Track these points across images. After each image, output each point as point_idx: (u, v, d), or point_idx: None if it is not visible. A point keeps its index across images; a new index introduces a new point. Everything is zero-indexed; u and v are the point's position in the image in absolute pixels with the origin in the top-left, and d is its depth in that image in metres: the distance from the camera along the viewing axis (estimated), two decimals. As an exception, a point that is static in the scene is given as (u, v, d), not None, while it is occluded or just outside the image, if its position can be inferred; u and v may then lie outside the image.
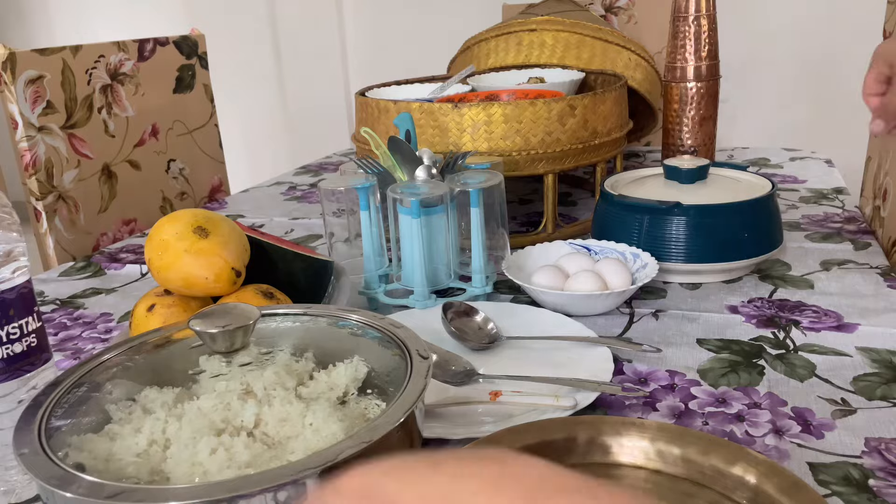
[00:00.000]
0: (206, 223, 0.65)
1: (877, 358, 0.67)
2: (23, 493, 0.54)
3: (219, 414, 0.46)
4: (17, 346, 0.52)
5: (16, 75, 1.19)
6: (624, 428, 0.52)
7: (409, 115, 0.92)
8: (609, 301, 0.77)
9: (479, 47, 1.30)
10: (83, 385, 0.48)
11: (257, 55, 3.09)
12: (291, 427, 0.44)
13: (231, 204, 1.34)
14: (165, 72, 1.49)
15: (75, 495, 0.35)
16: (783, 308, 0.78)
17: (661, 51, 1.56)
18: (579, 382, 0.61)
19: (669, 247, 0.83)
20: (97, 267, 1.04)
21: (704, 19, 1.09)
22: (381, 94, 1.22)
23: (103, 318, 0.86)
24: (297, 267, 0.74)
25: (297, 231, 1.14)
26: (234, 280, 0.65)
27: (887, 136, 0.65)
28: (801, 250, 0.94)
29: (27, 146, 1.21)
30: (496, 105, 0.94)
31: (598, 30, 1.22)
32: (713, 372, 0.66)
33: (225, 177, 1.65)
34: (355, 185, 0.82)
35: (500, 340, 0.72)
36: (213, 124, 1.61)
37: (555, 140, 0.95)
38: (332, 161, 1.64)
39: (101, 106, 1.34)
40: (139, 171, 1.43)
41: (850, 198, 1.15)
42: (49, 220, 1.25)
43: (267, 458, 0.42)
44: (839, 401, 0.61)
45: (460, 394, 0.64)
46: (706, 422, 0.59)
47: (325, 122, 3.00)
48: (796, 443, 0.55)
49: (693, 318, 0.77)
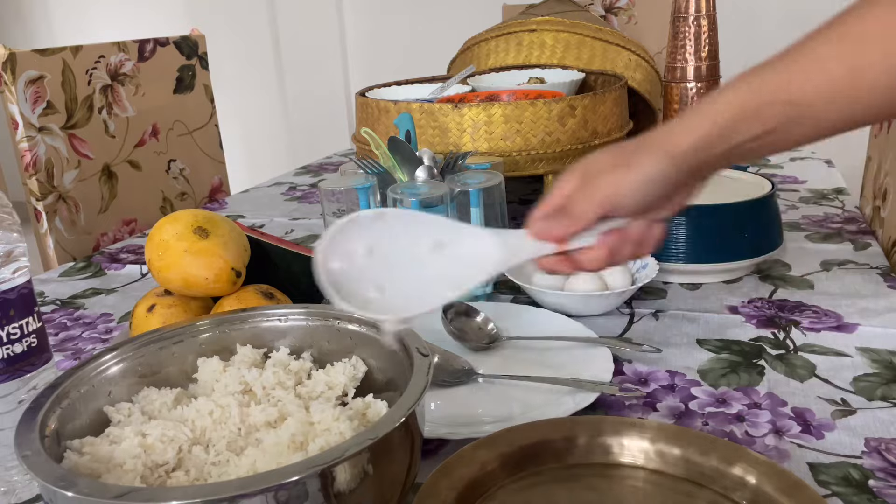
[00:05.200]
0: (206, 223, 0.65)
1: (877, 358, 0.67)
2: (23, 494, 0.54)
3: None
4: (17, 346, 0.52)
5: (16, 75, 1.19)
6: (624, 428, 0.52)
7: (409, 116, 0.92)
8: (609, 301, 0.77)
9: (479, 47, 1.30)
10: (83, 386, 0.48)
11: (257, 55, 3.09)
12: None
13: (231, 204, 1.34)
14: (165, 72, 1.49)
15: (80, 496, 0.35)
16: (783, 308, 0.78)
17: (661, 51, 1.56)
18: (579, 382, 0.61)
19: (669, 247, 0.83)
20: (97, 267, 1.04)
21: (704, 20, 1.09)
22: (381, 94, 1.22)
23: (103, 319, 0.86)
24: (297, 267, 0.74)
25: (297, 231, 1.14)
26: (234, 280, 0.66)
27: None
28: (801, 250, 0.94)
29: (27, 146, 1.21)
30: (496, 105, 0.94)
31: (598, 30, 1.22)
32: (713, 372, 0.66)
33: (225, 177, 1.65)
34: (355, 186, 0.82)
35: (500, 340, 0.72)
36: (213, 124, 1.61)
37: (555, 140, 0.95)
38: (332, 161, 1.64)
39: (101, 106, 1.34)
40: (139, 171, 1.43)
41: (850, 198, 1.15)
42: (49, 221, 1.25)
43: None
44: (839, 401, 0.61)
45: (460, 393, 0.64)
46: (706, 422, 0.59)
47: (325, 123, 3.00)
48: (796, 443, 0.55)
49: (693, 319, 0.77)
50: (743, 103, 0.41)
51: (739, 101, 0.41)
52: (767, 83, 0.41)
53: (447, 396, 0.64)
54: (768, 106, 0.41)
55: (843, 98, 0.40)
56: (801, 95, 0.40)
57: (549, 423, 0.53)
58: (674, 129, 0.42)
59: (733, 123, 0.41)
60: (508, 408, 0.61)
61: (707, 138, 0.41)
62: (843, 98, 0.40)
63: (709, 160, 0.42)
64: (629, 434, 0.51)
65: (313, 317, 0.55)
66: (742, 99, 0.41)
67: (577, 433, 0.52)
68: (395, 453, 0.42)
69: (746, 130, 0.41)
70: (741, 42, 2.28)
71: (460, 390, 0.65)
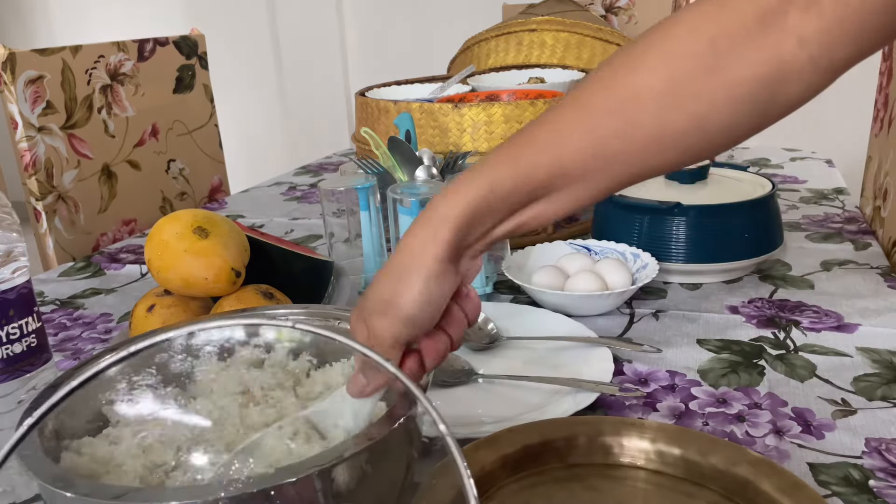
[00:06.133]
0: (206, 223, 0.65)
1: (877, 358, 0.67)
2: (22, 494, 0.54)
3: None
4: (16, 346, 0.52)
5: (16, 75, 1.19)
6: (624, 428, 0.52)
7: (409, 115, 0.92)
8: (609, 301, 0.77)
9: (479, 47, 1.30)
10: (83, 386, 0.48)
11: (257, 55, 3.09)
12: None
13: (231, 204, 1.34)
14: (165, 72, 1.49)
15: (79, 496, 0.35)
16: (783, 308, 0.78)
17: (662, 51, 1.56)
18: (579, 383, 0.61)
19: (670, 247, 0.83)
20: (97, 267, 1.04)
21: (704, 19, 1.08)
22: (381, 94, 1.22)
23: (103, 319, 0.86)
24: (297, 267, 0.74)
25: (297, 231, 1.14)
26: (234, 280, 0.65)
27: None
28: (801, 250, 0.93)
29: (27, 146, 1.21)
30: (496, 105, 0.94)
31: (598, 30, 1.22)
32: (713, 372, 0.66)
33: (225, 177, 1.65)
34: (355, 186, 0.82)
35: (500, 341, 0.72)
36: (213, 124, 1.61)
37: (555, 140, 0.95)
38: (332, 161, 1.64)
39: (100, 106, 1.34)
40: (139, 171, 1.43)
41: (851, 198, 1.15)
42: (49, 221, 1.25)
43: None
44: (839, 401, 0.60)
45: (460, 393, 0.64)
46: (706, 422, 0.59)
47: (325, 122, 3.01)
48: (796, 443, 0.55)
49: (693, 319, 0.77)
50: (482, 194, 0.41)
51: (479, 191, 0.41)
52: (503, 171, 0.41)
53: (447, 396, 0.64)
54: (509, 196, 0.41)
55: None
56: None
57: (549, 424, 0.53)
58: (425, 242, 0.41)
59: (479, 214, 0.41)
60: (508, 408, 0.61)
61: (453, 234, 0.40)
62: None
63: (469, 247, 0.42)
64: (629, 434, 0.51)
65: (313, 317, 0.55)
66: (482, 190, 0.41)
67: (578, 433, 0.52)
68: (394, 453, 0.42)
69: (491, 219, 0.41)
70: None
71: (460, 390, 0.65)
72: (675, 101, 0.39)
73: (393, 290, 0.40)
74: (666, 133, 0.39)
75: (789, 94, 0.38)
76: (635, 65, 0.40)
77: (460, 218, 0.40)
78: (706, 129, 0.39)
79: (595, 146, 0.40)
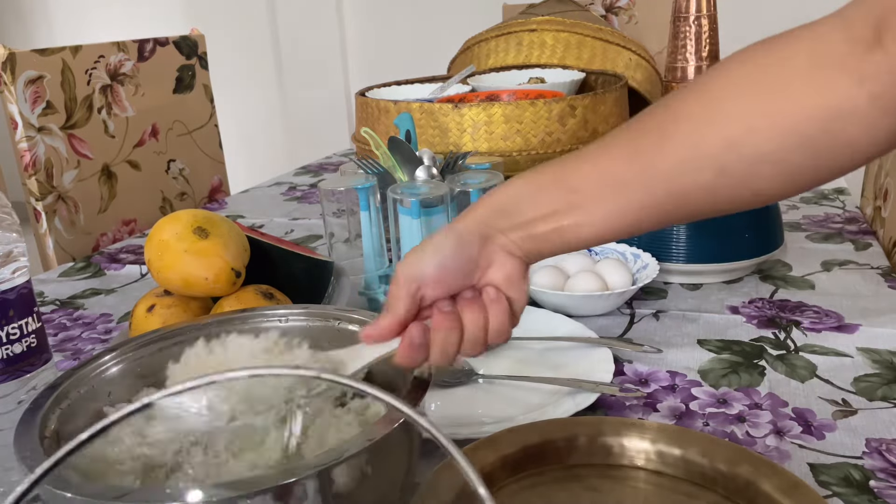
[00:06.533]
0: (205, 223, 0.65)
1: (878, 359, 0.67)
2: (22, 494, 0.54)
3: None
4: (16, 346, 0.52)
5: (16, 75, 1.19)
6: (624, 429, 0.52)
7: (409, 115, 0.92)
8: (609, 301, 0.77)
9: (479, 47, 1.30)
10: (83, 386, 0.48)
11: (257, 55, 3.09)
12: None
13: (231, 204, 1.34)
14: (165, 72, 1.49)
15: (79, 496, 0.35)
16: (784, 308, 0.78)
17: (662, 51, 1.56)
18: (579, 383, 0.61)
19: (670, 247, 0.83)
20: (97, 267, 1.04)
21: (705, 19, 1.09)
22: (381, 94, 1.22)
23: (103, 319, 0.86)
24: (297, 267, 0.74)
25: (297, 231, 1.14)
26: (234, 280, 0.65)
27: None
28: (801, 251, 0.93)
29: (27, 146, 1.21)
30: (496, 105, 0.94)
31: (598, 30, 1.22)
32: (714, 372, 0.66)
33: (225, 177, 1.65)
34: (355, 186, 0.82)
35: (501, 341, 0.72)
36: (213, 124, 1.61)
37: (555, 140, 0.95)
38: (332, 161, 1.64)
39: (100, 106, 1.34)
40: (139, 171, 1.43)
41: (851, 198, 1.15)
42: (49, 221, 1.25)
43: None
44: (840, 401, 0.60)
45: (460, 393, 0.64)
46: (707, 423, 0.59)
47: (325, 122, 3.00)
48: (797, 443, 0.55)
49: (694, 319, 0.77)
50: (524, 184, 0.45)
51: (522, 181, 0.45)
52: (547, 170, 0.45)
53: (447, 397, 0.64)
54: (546, 189, 0.44)
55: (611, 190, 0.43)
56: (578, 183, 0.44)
57: (549, 424, 0.53)
58: (463, 212, 0.46)
59: (514, 201, 0.44)
60: (508, 408, 0.61)
61: (487, 211, 0.45)
62: (610, 190, 0.43)
63: (502, 232, 0.44)
64: (630, 435, 0.51)
65: (313, 317, 0.55)
66: (524, 180, 0.45)
67: (578, 434, 0.52)
68: (394, 454, 0.42)
69: (528, 210, 0.44)
70: (741, 42, 2.28)
71: (460, 390, 0.65)
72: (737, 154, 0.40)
73: (423, 243, 0.45)
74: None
75: (850, 134, 0.38)
76: (713, 117, 0.42)
77: (498, 197, 0.45)
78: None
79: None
